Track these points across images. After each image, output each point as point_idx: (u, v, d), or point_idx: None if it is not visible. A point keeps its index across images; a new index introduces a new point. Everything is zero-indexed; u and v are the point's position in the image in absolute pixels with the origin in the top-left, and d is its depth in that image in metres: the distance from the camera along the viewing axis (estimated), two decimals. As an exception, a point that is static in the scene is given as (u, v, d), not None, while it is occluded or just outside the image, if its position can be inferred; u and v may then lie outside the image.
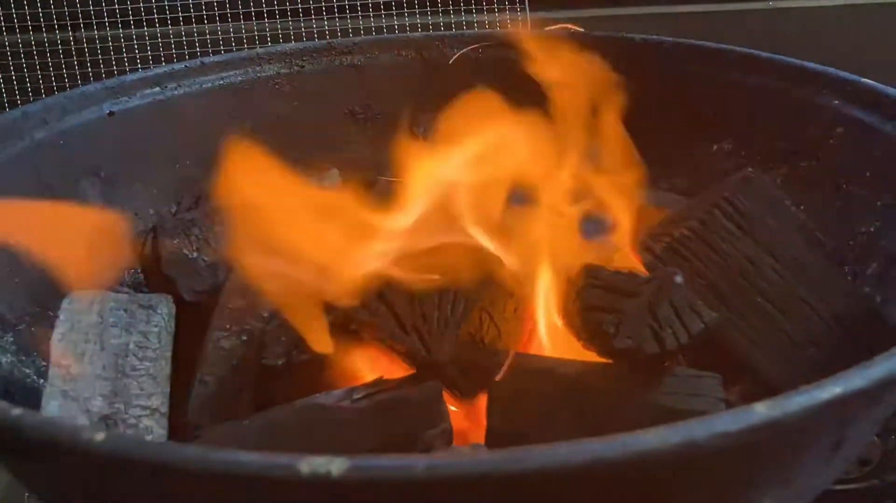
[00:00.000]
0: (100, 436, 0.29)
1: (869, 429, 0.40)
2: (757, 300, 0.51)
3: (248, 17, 1.05)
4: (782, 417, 0.29)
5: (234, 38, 1.04)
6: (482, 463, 0.27)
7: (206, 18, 1.03)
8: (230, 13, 1.05)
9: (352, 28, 1.04)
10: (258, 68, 0.79)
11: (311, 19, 1.07)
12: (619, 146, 0.60)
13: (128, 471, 0.30)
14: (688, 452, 0.28)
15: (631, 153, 0.60)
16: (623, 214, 0.56)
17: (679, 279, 0.46)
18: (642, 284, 0.46)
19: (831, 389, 0.30)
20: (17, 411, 0.30)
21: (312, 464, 0.27)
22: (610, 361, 0.47)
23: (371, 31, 1.02)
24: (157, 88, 0.74)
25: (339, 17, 1.07)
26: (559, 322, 0.52)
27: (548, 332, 0.54)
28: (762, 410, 0.29)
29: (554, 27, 0.79)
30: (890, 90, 0.60)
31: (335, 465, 0.27)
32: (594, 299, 0.46)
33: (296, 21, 1.07)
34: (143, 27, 1.04)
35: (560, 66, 0.62)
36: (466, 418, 0.51)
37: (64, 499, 0.38)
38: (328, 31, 1.05)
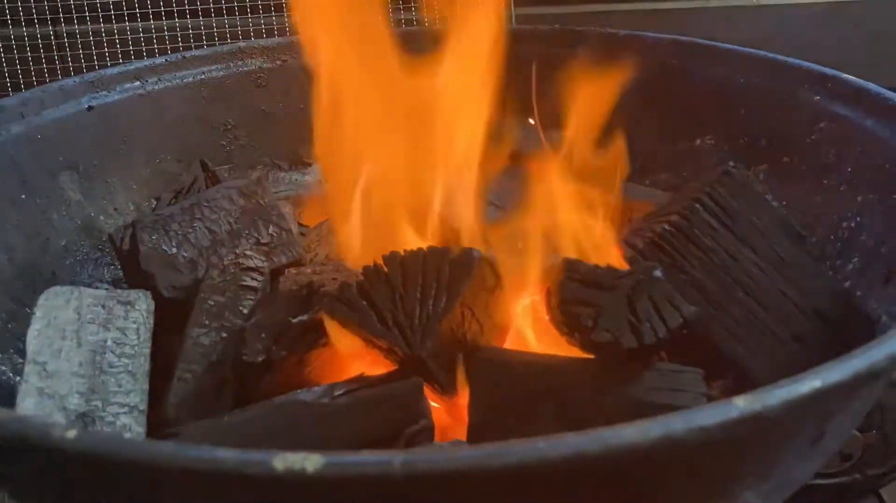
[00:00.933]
0: (72, 433, 0.28)
1: (849, 423, 0.40)
2: (738, 295, 0.51)
3: (231, 11, 1.04)
4: (762, 411, 0.29)
5: (216, 32, 1.03)
6: (460, 458, 0.27)
7: (189, 13, 1.02)
8: (213, 8, 1.04)
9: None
10: (240, 62, 0.79)
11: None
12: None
13: (101, 469, 0.29)
14: (667, 446, 0.28)
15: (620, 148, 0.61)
16: (605, 208, 0.56)
17: (658, 273, 0.46)
18: (621, 278, 0.46)
19: (811, 383, 0.30)
20: (-14, 408, 0.29)
21: (287, 460, 0.27)
22: (591, 356, 0.47)
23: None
24: (138, 82, 0.73)
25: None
26: (545, 316, 0.51)
27: (530, 327, 0.54)
28: (741, 404, 0.28)
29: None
30: (871, 86, 0.61)
31: (310, 462, 0.27)
32: (572, 293, 0.46)
33: (279, 16, 1.07)
34: (124, 22, 1.03)
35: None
36: (448, 414, 0.51)
37: (38, 499, 0.37)
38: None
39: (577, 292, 0.46)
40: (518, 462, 0.27)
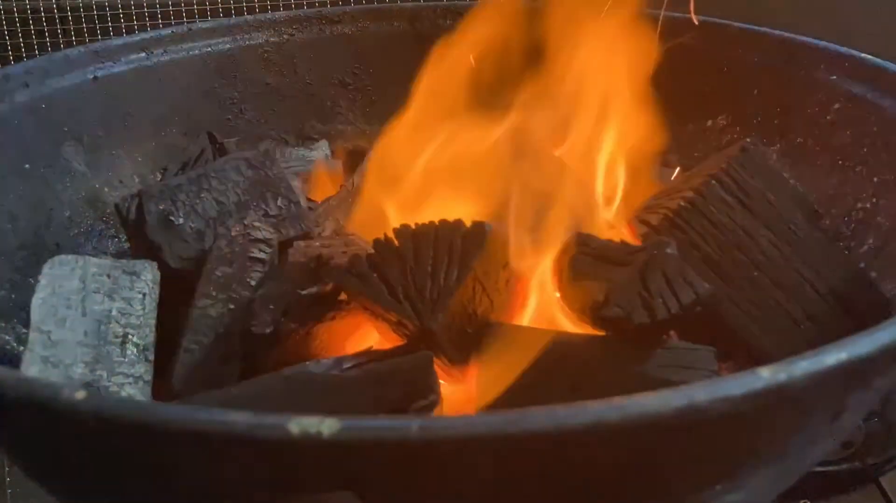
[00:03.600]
0: (81, 394, 0.27)
1: (868, 400, 0.39)
2: (753, 274, 0.50)
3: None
4: (787, 381, 0.28)
5: (221, 7, 1.02)
6: (478, 424, 0.26)
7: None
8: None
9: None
10: (246, 36, 0.78)
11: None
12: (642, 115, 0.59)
13: (110, 432, 0.28)
14: (689, 416, 0.27)
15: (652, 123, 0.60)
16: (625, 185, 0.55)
17: (671, 250, 0.45)
18: (633, 253, 0.45)
19: (837, 355, 0.29)
20: (-6, 369, 0.29)
21: (303, 423, 0.26)
22: (602, 333, 0.46)
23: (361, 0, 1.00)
24: (143, 54, 0.72)
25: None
26: (556, 293, 0.51)
27: (541, 304, 0.53)
28: (766, 374, 0.28)
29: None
30: (889, 65, 0.60)
31: (326, 425, 0.26)
32: (584, 267, 0.45)
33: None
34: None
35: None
36: (457, 389, 0.50)
37: (45, 464, 0.37)
38: (318, 1, 1.03)
39: (588, 267, 0.46)
40: (537, 428, 0.26)
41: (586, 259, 0.46)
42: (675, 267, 0.45)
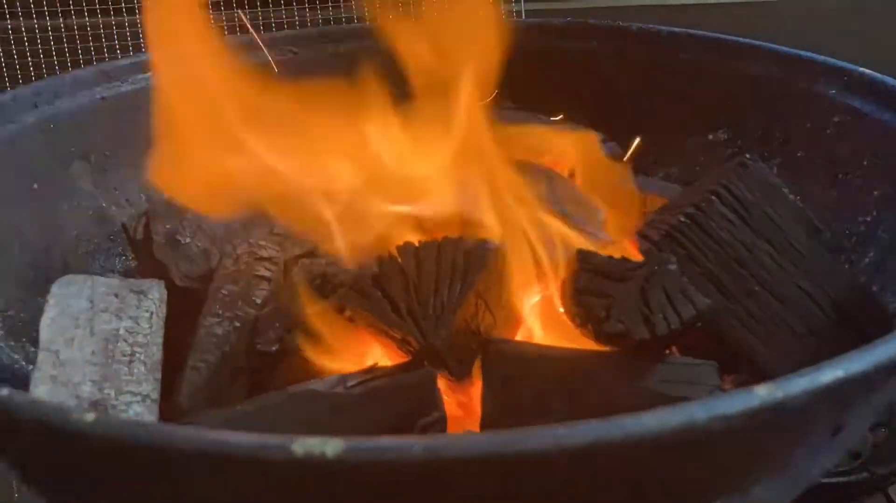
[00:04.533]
0: (90, 416, 0.28)
1: (868, 416, 0.40)
2: (754, 288, 0.50)
3: (241, 4, 1.04)
4: (784, 400, 0.28)
5: (227, 26, 1.03)
6: (480, 444, 0.27)
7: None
8: (223, 2, 1.05)
9: (345, 17, 1.03)
10: (251, 54, 0.78)
11: (305, 8, 1.06)
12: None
13: (118, 454, 0.29)
14: (688, 434, 0.27)
15: None
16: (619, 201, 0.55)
17: (672, 265, 0.45)
18: (634, 269, 0.46)
19: (833, 372, 0.30)
20: (4, 391, 0.29)
21: (307, 445, 0.27)
22: (605, 348, 0.47)
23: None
24: (150, 74, 0.73)
25: (332, 7, 1.06)
26: (559, 308, 0.51)
27: (543, 319, 0.53)
28: (763, 392, 0.28)
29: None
30: (887, 79, 0.60)
31: (330, 447, 0.26)
32: (586, 283, 0.45)
33: (288, 9, 1.07)
34: (135, 14, 1.03)
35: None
36: (461, 405, 0.51)
37: (54, 484, 0.37)
38: (321, 20, 1.04)
39: (590, 283, 0.46)
40: (538, 448, 0.27)
41: (588, 275, 0.47)
42: (676, 282, 0.45)
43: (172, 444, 0.28)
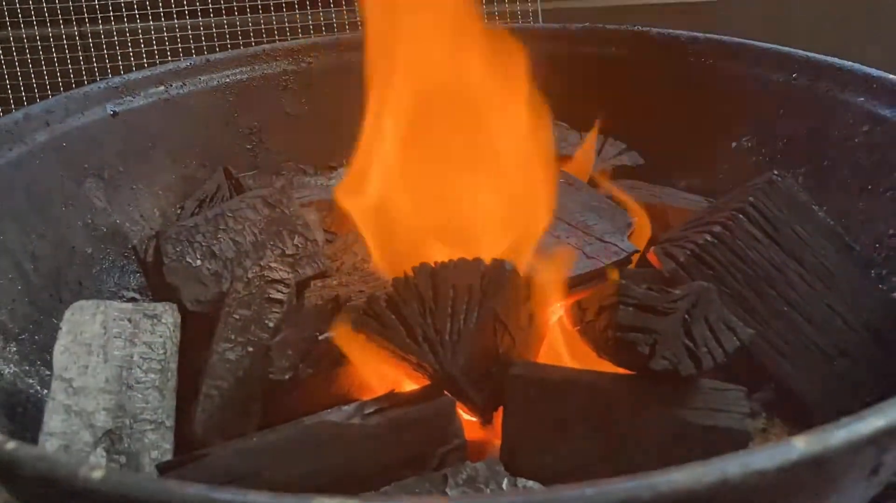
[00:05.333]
0: (97, 472, 0.27)
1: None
2: (784, 309, 0.49)
3: (254, 9, 1.03)
4: (822, 452, 0.27)
5: (240, 31, 1.02)
6: (502, 504, 0.26)
7: (213, 12, 1.02)
8: (236, 6, 1.03)
9: (360, 20, 1.02)
10: (265, 65, 0.77)
11: (319, 11, 1.05)
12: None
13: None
14: (721, 492, 0.26)
15: None
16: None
17: (713, 296, 0.44)
18: (675, 301, 0.44)
19: (873, 422, 0.28)
20: (11, 445, 0.28)
21: (322, 505, 0.25)
22: (629, 372, 0.45)
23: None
24: (162, 87, 0.72)
25: (347, 10, 1.05)
26: (575, 330, 0.50)
27: (563, 341, 0.52)
28: (801, 446, 0.27)
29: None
30: (920, 87, 0.58)
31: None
32: (628, 319, 0.44)
33: (302, 13, 1.05)
34: (148, 21, 1.02)
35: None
36: (481, 430, 0.49)
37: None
38: (336, 23, 1.03)
39: (632, 318, 0.44)
40: (564, 508, 0.26)
41: (629, 310, 0.45)
42: (717, 313, 0.44)
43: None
